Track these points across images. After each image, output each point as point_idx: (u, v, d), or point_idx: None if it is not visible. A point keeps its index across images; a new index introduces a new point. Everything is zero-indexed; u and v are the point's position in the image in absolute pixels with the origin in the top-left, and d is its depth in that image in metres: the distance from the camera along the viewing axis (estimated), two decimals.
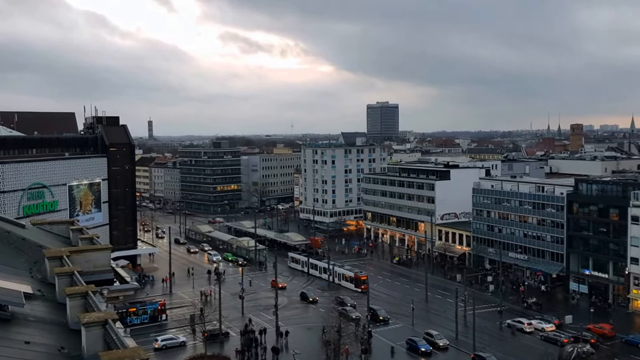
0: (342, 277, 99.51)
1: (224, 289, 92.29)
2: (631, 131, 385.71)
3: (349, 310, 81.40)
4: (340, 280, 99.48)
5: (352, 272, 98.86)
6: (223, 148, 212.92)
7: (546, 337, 73.88)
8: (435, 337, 71.81)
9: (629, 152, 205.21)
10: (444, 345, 70.75)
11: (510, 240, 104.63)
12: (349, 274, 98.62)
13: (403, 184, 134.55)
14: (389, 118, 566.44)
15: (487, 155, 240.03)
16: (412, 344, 70.69)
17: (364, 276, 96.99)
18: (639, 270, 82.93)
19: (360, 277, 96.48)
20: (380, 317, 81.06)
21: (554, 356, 63.48)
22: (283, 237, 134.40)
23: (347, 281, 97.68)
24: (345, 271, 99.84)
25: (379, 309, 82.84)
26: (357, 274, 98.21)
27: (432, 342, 70.98)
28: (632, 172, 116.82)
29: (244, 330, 73.15)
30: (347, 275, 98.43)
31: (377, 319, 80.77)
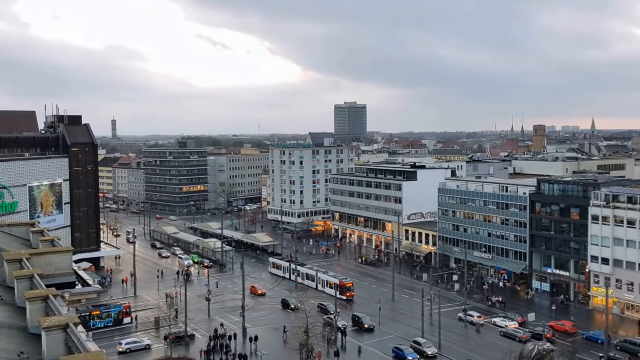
0: (326, 284, 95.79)
1: (190, 290, 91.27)
2: (591, 132, 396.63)
3: (335, 317, 78.18)
4: (324, 287, 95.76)
5: (337, 279, 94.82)
6: (189, 148, 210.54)
7: (505, 333, 75.77)
8: (423, 346, 69.14)
9: (589, 153, 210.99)
10: (432, 354, 68.09)
11: (475, 239, 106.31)
12: (334, 280, 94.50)
13: (370, 185, 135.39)
14: (357, 118, 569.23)
15: (453, 156, 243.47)
16: (398, 353, 67.94)
17: (349, 283, 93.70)
18: (599, 268, 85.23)
19: (345, 284, 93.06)
20: (365, 325, 78.08)
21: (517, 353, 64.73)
22: (250, 238, 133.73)
23: (332, 288, 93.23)
24: (330, 278, 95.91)
25: (363, 317, 79.70)
26: (342, 280, 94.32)
27: (420, 351, 68.27)
28: (592, 173, 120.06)
29: (215, 335, 72.30)
30: (332, 282, 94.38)
31: (362, 327, 77.96)
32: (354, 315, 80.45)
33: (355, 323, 78.85)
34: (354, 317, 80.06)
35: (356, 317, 80.00)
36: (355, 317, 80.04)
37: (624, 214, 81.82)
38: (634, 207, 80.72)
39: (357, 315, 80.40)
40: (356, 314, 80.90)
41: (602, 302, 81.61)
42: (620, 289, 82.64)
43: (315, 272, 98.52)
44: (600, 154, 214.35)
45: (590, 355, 68.05)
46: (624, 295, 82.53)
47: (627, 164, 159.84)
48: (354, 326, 78.27)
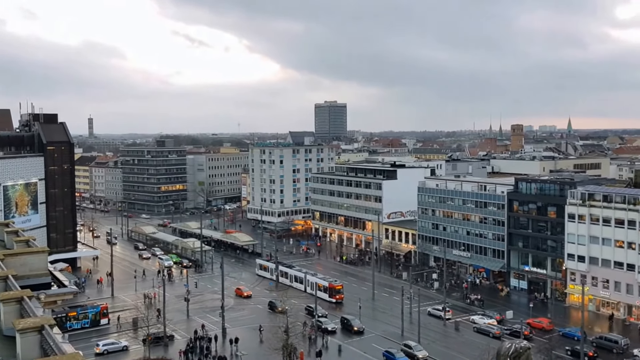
0: (315, 287, 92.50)
1: (169, 291, 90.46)
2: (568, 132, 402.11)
3: (324, 321, 77.28)
4: (313, 289, 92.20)
5: (327, 282, 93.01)
6: (167, 147, 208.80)
7: (479, 329, 77.04)
8: (414, 349, 67.83)
9: (566, 152, 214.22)
10: (423, 357, 67.17)
11: (454, 238, 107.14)
12: (323, 283, 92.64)
13: (351, 184, 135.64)
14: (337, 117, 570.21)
15: (432, 155, 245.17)
16: (389, 357, 66.86)
17: (338, 285, 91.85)
18: (575, 266, 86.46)
19: (335, 287, 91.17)
20: (354, 327, 76.64)
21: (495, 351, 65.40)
22: (230, 238, 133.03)
23: (321, 291, 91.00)
24: (319, 280, 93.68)
25: (352, 319, 78.36)
26: (332, 283, 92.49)
27: (411, 355, 67.03)
28: (569, 172, 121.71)
29: (195, 337, 71.67)
30: (321, 285, 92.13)
31: (352, 329, 76.56)
32: (342, 318, 79.07)
33: (344, 326, 77.54)
34: (343, 319, 78.66)
35: (345, 319, 78.54)
36: (344, 319, 78.64)
37: (599, 212, 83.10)
38: (609, 206, 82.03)
39: (346, 318, 78.88)
40: (345, 317, 79.32)
41: (578, 300, 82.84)
42: (596, 287, 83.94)
43: (304, 275, 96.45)
44: (577, 153, 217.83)
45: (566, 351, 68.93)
46: (599, 293, 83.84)
47: (603, 163, 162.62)
48: (343, 329, 77.03)
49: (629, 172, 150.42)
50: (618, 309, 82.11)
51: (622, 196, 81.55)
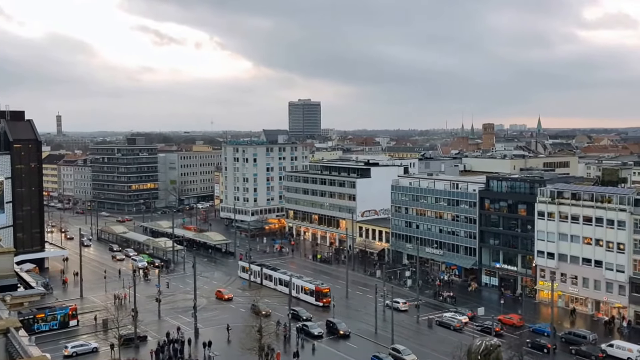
0: (300, 290, 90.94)
1: (140, 291, 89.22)
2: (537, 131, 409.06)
3: (310, 325, 75.29)
4: (298, 292, 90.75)
5: (313, 285, 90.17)
6: (138, 145, 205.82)
7: (440, 322, 79.10)
8: (402, 353, 66.49)
9: (536, 151, 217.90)
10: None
11: (427, 235, 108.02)
12: (309, 286, 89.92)
13: (325, 182, 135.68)
14: (311, 116, 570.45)
15: (406, 154, 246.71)
16: None
17: (325, 289, 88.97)
18: (545, 263, 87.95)
19: (322, 290, 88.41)
20: (340, 331, 74.71)
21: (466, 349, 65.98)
22: (202, 237, 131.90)
23: (307, 294, 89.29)
24: (305, 283, 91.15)
25: (338, 322, 76.32)
26: (319, 286, 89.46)
27: (399, 359, 66.18)
28: (539, 170, 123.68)
29: (168, 340, 70.71)
30: (307, 288, 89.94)
31: (338, 333, 74.65)
32: (328, 321, 76.99)
33: (330, 329, 75.56)
34: (329, 322, 76.67)
35: (331, 322, 76.53)
36: (329, 322, 76.66)
37: (568, 209, 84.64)
38: (577, 204, 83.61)
39: (331, 321, 76.76)
40: (331, 320, 77.21)
41: (548, 296, 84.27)
42: (565, 283, 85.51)
43: (289, 278, 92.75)
44: (546, 152, 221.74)
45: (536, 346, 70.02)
46: (568, 289, 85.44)
47: (571, 162, 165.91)
48: (329, 332, 75.16)
49: (597, 170, 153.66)
50: (586, 304, 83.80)
51: (590, 194, 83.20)
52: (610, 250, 79.83)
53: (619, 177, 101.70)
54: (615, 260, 79.37)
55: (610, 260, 79.94)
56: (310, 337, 73.18)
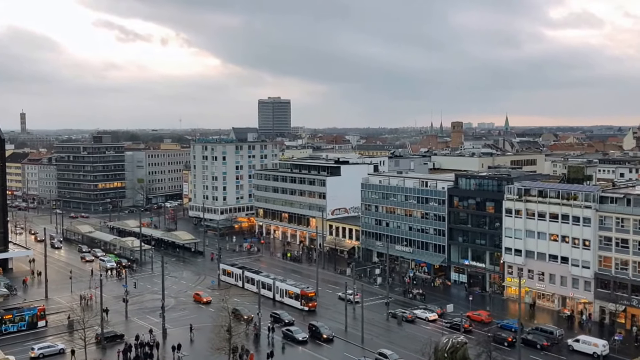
0: (285, 294, 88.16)
1: (107, 292, 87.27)
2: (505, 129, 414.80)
3: (294, 330, 73.01)
4: (282, 296, 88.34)
5: (298, 288, 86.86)
6: (105, 143, 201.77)
7: (394, 315, 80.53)
8: (389, 358, 64.94)
9: (504, 149, 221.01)
10: None
11: (397, 233, 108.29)
12: (294, 290, 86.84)
13: (295, 180, 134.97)
14: (281, 114, 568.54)
15: (375, 152, 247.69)
16: None
17: (311, 292, 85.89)
18: (512, 260, 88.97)
19: (308, 294, 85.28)
20: (323, 335, 72.35)
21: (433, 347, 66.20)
22: (171, 236, 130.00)
23: (292, 298, 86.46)
24: (290, 287, 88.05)
25: (321, 326, 73.98)
26: (304, 290, 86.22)
27: None
28: (506, 168, 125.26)
29: (139, 343, 69.28)
30: (292, 292, 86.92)
31: (321, 337, 72.22)
32: (311, 325, 74.63)
33: (313, 333, 73.05)
34: (311, 326, 74.20)
35: (313, 326, 74.02)
36: (312, 326, 74.15)
37: (535, 207, 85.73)
38: (544, 201, 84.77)
39: (314, 325, 74.28)
40: (313, 323, 74.86)
41: (515, 292, 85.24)
42: (532, 279, 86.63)
43: (272, 281, 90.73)
44: (514, 149, 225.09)
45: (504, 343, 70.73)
46: (535, 285, 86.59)
47: (538, 159, 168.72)
48: (312, 337, 72.71)
49: (563, 167, 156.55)
50: (553, 300, 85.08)
51: (556, 191, 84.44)
52: (576, 246, 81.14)
53: (585, 175, 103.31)
54: (581, 256, 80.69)
55: (576, 257, 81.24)
56: (294, 343, 71.12)
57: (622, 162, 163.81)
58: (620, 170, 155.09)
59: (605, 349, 66.87)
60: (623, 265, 76.87)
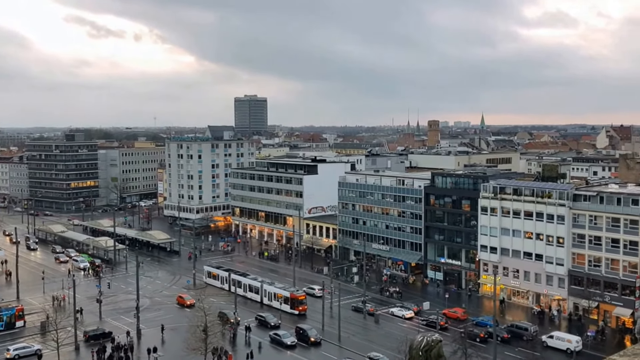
0: (273, 297, 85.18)
1: (80, 292, 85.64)
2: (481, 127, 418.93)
3: (282, 335, 70.94)
4: (271, 300, 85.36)
5: (288, 292, 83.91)
6: (77, 141, 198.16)
7: (356, 308, 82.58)
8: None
9: (479, 147, 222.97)
10: None
11: (374, 232, 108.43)
12: (283, 293, 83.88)
13: (271, 179, 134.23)
14: (258, 112, 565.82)
15: (353, 150, 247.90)
16: None
17: (301, 296, 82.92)
18: (488, 257, 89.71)
19: (298, 297, 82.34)
20: (311, 338, 70.34)
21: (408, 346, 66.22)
22: (145, 236, 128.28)
23: (281, 302, 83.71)
24: (279, 290, 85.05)
25: (309, 329, 71.96)
26: (294, 293, 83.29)
27: None
28: (482, 166, 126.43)
29: (115, 346, 68.03)
30: (281, 295, 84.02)
31: (308, 340, 70.20)
32: (298, 328, 72.54)
33: (300, 337, 70.94)
34: (299, 329, 72.16)
35: (301, 329, 71.92)
36: (299, 329, 72.07)
37: (510, 205, 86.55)
38: (519, 199, 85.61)
39: (301, 328, 72.16)
40: (301, 326, 72.81)
41: (490, 289, 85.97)
42: (507, 277, 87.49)
43: (260, 284, 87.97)
44: (489, 148, 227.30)
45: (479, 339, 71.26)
46: (510, 282, 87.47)
47: (513, 158, 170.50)
48: (299, 340, 70.58)
49: (537, 166, 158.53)
50: (527, 297, 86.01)
51: (531, 189, 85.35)
52: (550, 244, 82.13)
53: (559, 173, 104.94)
54: (555, 253, 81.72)
55: (550, 254, 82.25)
56: (283, 347, 69.42)
57: (595, 160, 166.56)
58: (593, 168, 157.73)
59: (578, 344, 67.78)
60: (596, 262, 78.05)
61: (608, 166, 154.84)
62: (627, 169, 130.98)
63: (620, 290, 75.52)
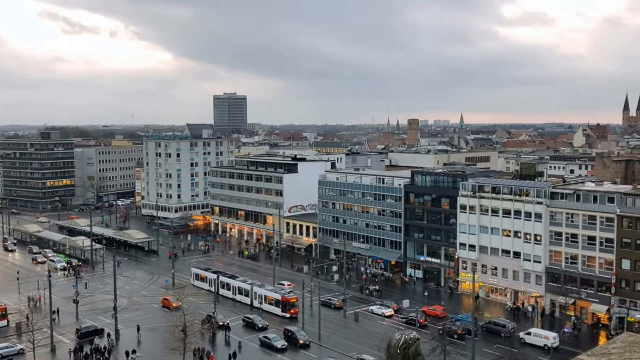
0: (264, 300, 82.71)
1: (57, 293, 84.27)
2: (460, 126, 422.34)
3: (272, 338, 68.59)
4: (262, 303, 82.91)
5: (279, 294, 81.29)
6: (53, 139, 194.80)
7: (324, 302, 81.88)
8: None
9: (458, 146, 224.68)
10: None
11: (354, 230, 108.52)
12: (275, 295, 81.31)
13: (251, 177, 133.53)
14: (237, 110, 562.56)
15: (333, 149, 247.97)
16: None
17: (293, 298, 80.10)
18: (466, 255, 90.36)
19: (289, 300, 79.82)
20: (300, 341, 68.55)
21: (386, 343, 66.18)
22: (123, 235, 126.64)
23: (272, 304, 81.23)
24: (269, 292, 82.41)
25: (297, 331, 70.46)
26: (285, 295, 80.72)
27: None
28: (461, 164, 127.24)
29: (93, 348, 66.97)
30: (272, 298, 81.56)
31: (297, 343, 68.39)
32: (286, 330, 70.96)
33: (288, 339, 69.20)
34: (287, 331, 70.57)
35: (289, 331, 70.29)
36: (288, 331, 70.46)
37: (488, 203, 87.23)
38: (497, 197, 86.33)
39: (290, 330, 70.56)
40: (289, 328, 71.17)
41: (469, 287, 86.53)
42: (486, 274, 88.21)
43: (250, 287, 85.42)
44: (468, 146, 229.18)
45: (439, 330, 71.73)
46: (488, 280, 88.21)
47: (492, 156, 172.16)
48: (288, 342, 68.64)
49: (515, 164, 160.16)
50: (505, 294, 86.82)
51: (509, 187, 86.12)
52: (528, 241, 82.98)
53: (536, 171, 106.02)
54: (532, 251, 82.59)
55: (528, 252, 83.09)
56: (273, 351, 67.57)
57: (572, 158, 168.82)
58: (570, 166, 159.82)
59: (555, 341, 68.54)
60: (573, 260, 79.05)
61: (585, 164, 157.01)
62: (603, 167, 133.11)
63: (597, 287, 76.61)
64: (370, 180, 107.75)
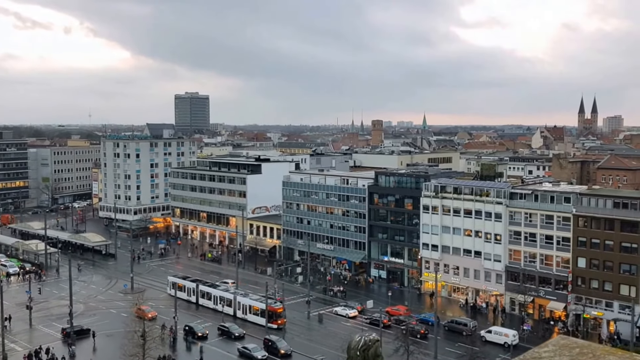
0: (248, 310, 78.69)
1: (9, 299, 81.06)
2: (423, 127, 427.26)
3: (252, 348, 65.67)
4: (246, 313, 78.95)
5: (264, 304, 76.40)
6: (5, 139, 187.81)
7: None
8: None
9: (421, 147, 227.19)
10: None
11: (318, 231, 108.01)
12: (260, 305, 77.14)
13: (214, 179, 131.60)
14: (199, 110, 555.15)
15: (297, 149, 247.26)
16: None
17: (279, 308, 76.48)
18: (429, 255, 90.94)
19: (276, 310, 75.93)
20: (281, 350, 65.79)
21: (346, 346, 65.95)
22: (79, 238, 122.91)
23: (257, 315, 77.27)
24: (254, 302, 78.39)
25: (278, 340, 67.84)
26: (271, 305, 76.31)
27: None
28: (424, 165, 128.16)
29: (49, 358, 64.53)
30: (257, 308, 77.65)
31: (278, 353, 65.67)
32: (266, 339, 68.33)
33: (269, 349, 66.53)
34: (267, 341, 67.97)
35: (269, 341, 67.70)
36: (268, 341, 67.86)
37: (450, 203, 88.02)
38: (459, 197, 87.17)
39: (270, 339, 67.93)
40: (269, 338, 68.50)
41: (432, 287, 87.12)
42: (448, 273, 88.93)
43: (232, 296, 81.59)
44: (431, 148, 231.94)
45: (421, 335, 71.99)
46: (451, 279, 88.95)
47: (454, 157, 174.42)
48: (268, 352, 66.00)
49: (476, 165, 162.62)
50: (467, 293, 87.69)
51: (470, 188, 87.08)
52: (489, 241, 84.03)
53: (496, 172, 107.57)
54: (492, 250, 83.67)
55: (488, 251, 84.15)
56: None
57: (530, 159, 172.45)
58: (529, 167, 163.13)
59: (515, 338, 69.54)
60: (531, 258, 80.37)
61: (542, 165, 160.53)
62: (560, 168, 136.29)
63: (554, 284, 78.05)
64: (334, 181, 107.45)
